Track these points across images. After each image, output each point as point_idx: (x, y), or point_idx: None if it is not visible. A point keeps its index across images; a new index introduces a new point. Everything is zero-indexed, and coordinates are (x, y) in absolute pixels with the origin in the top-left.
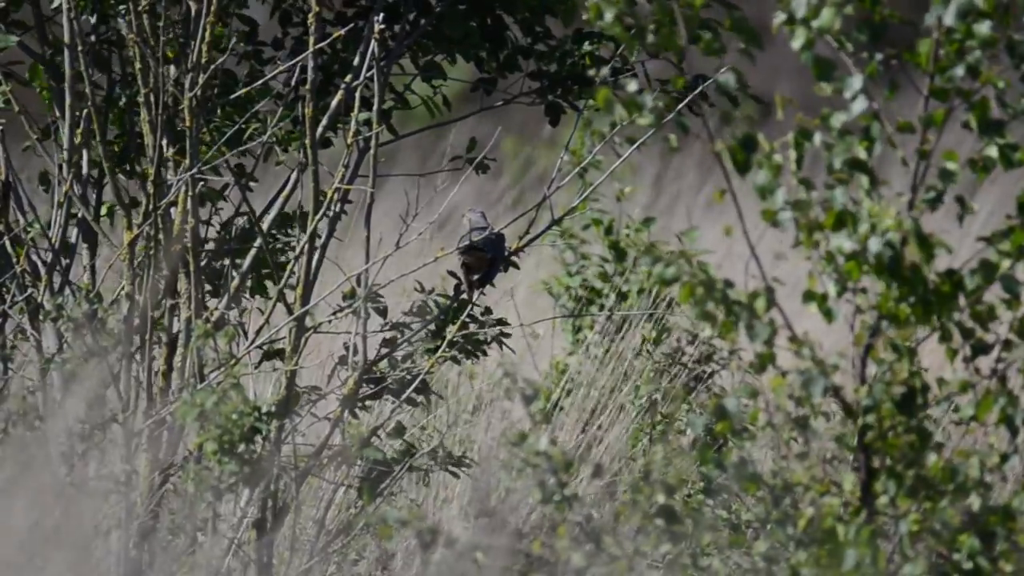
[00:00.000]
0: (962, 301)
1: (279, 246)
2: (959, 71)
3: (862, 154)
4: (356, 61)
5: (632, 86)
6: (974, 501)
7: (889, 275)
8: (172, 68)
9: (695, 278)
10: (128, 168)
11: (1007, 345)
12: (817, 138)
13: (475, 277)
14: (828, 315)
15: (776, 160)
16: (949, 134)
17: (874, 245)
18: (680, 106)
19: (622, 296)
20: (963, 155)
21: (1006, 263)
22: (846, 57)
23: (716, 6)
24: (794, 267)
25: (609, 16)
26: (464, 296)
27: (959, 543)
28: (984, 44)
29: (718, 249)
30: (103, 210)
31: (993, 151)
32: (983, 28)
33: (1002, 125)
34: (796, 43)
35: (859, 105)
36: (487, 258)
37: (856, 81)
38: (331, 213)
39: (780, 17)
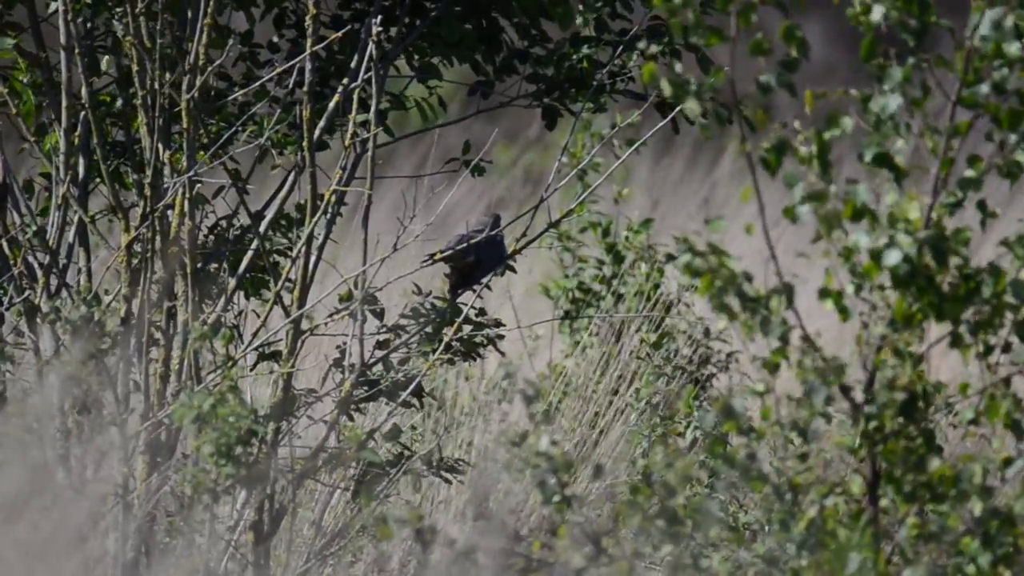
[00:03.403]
0: (982, 297)
1: (276, 248)
2: (984, 88)
3: (899, 143)
4: (353, 63)
5: (678, 67)
6: (976, 505)
7: (905, 287)
8: (168, 70)
9: (717, 271)
10: (121, 171)
11: (1007, 347)
12: (847, 123)
13: (456, 280)
14: (844, 312)
15: (802, 152)
16: (971, 139)
17: (892, 258)
18: (656, 128)
19: (619, 298)
20: (984, 156)
21: None
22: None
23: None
24: (807, 264)
25: None
26: (459, 299)
27: (961, 546)
28: (1013, 63)
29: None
30: (89, 215)
31: (1021, 157)
32: (1013, 48)
33: None
34: (850, 11)
35: (895, 101)
36: (468, 261)
37: (897, 72)
38: (328, 215)
39: None
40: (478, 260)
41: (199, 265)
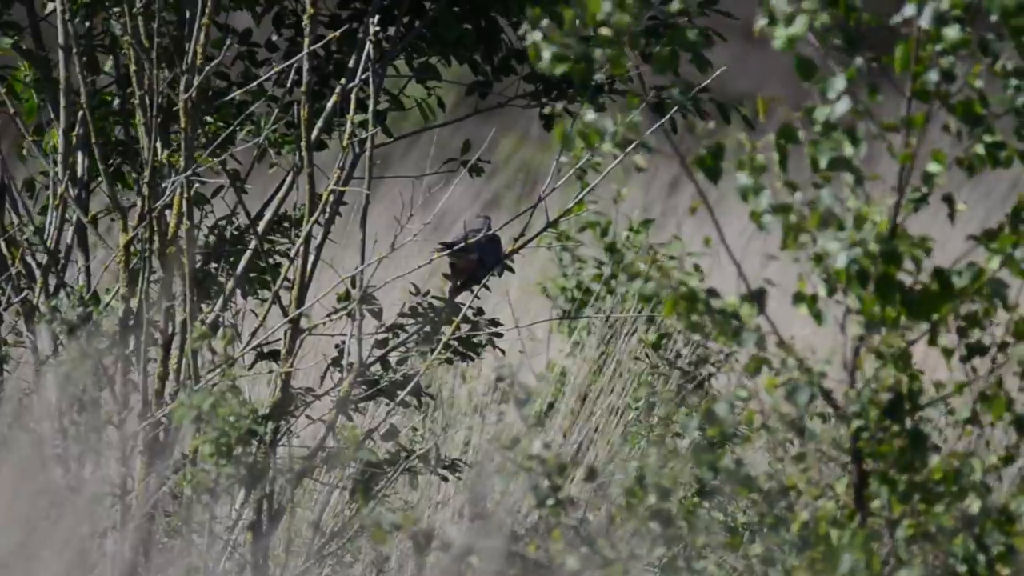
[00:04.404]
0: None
1: (275, 248)
2: (933, 76)
3: (848, 151)
4: (351, 63)
5: (590, 115)
6: (972, 504)
7: (860, 285)
8: (166, 70)
9: (677, 292)
10: (121, 171)
11: (1002, 347)
12: (801, 135)
13: (459, 281)
14: (818, 317)
15: (759, 160)
16: (936, 133)
17: (840, 260)
18: (653, 128)
19: (619, 298)
20: (948, 153)
21: (995, 262)
22: (831, 59)
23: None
24: (785, 268)
25: (547, 56)
26: (456, 298)
27: (955, 545)
28: (955, 47)
29: (712, 251)
30: (88, 215)
31: (980, 149)
32: (952, 32)
33: (987, 121)
34: (777, 43)
35: (843, 105)
36: (473, 259)
37: (839, 82)
38: (326, 215)
39: (761, 21)
40: (480, 259)
41: (198, 265)
